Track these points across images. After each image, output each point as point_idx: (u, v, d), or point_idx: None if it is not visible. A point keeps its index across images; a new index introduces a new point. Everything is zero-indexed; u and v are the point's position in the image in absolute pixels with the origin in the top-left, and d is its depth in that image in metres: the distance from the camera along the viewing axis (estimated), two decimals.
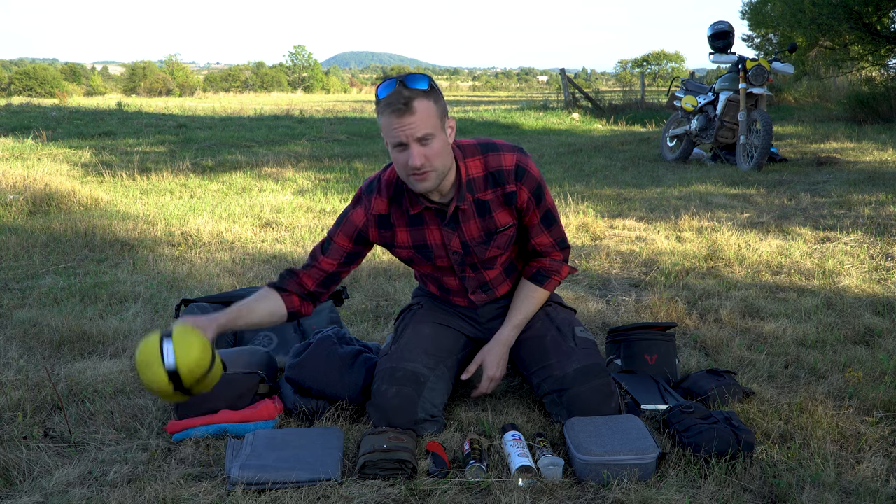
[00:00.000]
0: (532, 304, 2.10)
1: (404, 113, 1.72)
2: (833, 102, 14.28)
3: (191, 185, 6.44)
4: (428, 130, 1.75)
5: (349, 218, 2.00)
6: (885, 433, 1.92)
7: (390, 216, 1.97)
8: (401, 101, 1.72)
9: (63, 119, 13.46)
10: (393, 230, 1.99)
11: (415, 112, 1.73)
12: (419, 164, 1.76)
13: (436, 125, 1.77)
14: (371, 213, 1.97)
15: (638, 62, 60.94)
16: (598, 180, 6.62)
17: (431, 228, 1.97)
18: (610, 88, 33.01)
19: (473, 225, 1.96)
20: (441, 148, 1.79)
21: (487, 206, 1.95)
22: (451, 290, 2.13)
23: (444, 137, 1.80)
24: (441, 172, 1.82)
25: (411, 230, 1.98)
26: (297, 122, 13.83)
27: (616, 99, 17.23)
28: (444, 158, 1.81)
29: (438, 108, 1.78)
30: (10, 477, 1.75)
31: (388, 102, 1.73)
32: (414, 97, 1.73)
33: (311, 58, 61.07)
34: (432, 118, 1.76)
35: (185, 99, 30.03)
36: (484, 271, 2.07)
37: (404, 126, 1.73)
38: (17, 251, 3.99)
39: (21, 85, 39.00)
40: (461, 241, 1.98)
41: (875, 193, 5.38)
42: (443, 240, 1.98)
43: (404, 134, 1.74)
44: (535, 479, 1.71)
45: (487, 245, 1.99)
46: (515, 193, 1.94)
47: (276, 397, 2.10)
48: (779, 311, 2.93)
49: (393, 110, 1.73)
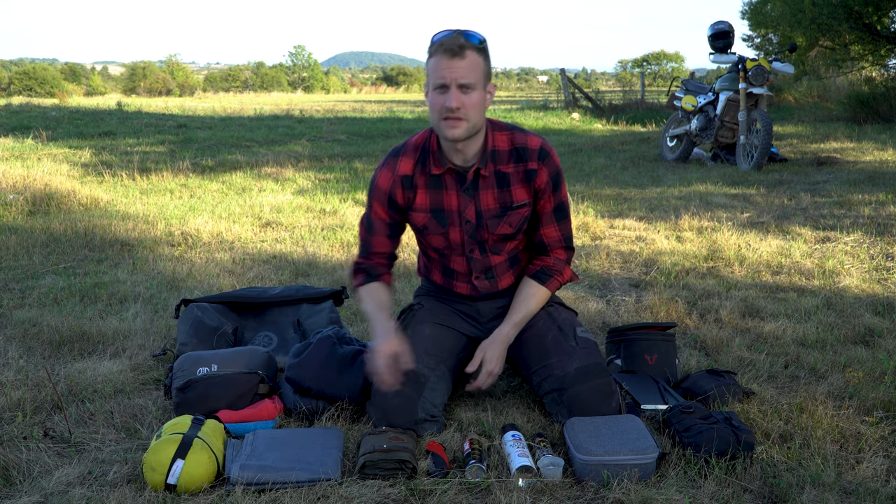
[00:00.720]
0: (533, 302, 2.10)
1: (455, 55, 1.82)
2: (833, 102, 14.28)
3: (191, 185, 6.44)
4: (471, 80, 1.84)
5: (377, 185, 2.07)
6: (885, 433, 1.92)
7: (414, 177, 2.03)
8: (456, 44, 1.82)
9: (63, 119, 13.46)
10: (415, 191, 2.04)
11: (465, 58, 1.83)
12: (455, 105, 1.83)
13: (479, 78, 1.86)
14: (397, 174, 2.04)
15: (638, 62, 60.91)
16: (598, 180, 6.62)
17: (450, 193, 2.02)
18: (610, 88, 33.01)
19: (490, 195, 2.01)
20: (478, 101, 1.87)
21: (507, 180, 2.01)
22: (456, 275, 2.14)
23: (482, 94, 1.89)
24: (472, 125, 1.89)
25: (431, 192, 2.03)
26: (297, 122, 13.83)
27: (616, 99, 17.23)
28: (478, 113, 1.89)
29: (485, 65, 1.88)
30: (10, 477, 1.75)
31: (442, 44, 1.83)
32: (467, 47, 1.83)
33: (311, 58, 61.02)
34: (478, 71, 1.85)
35: (185, 99, 30.03)
36: (490, 255, 2.09)
37: (452, 68, 1.82)
38: (17, 251, 3.99)
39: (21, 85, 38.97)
40: (476, 209, 2.02)
41: (875, 193, 5.39)
42: (459, 206, 2.03)
43: (450, 76, 1.82)
44: (535, 479, 1.71)
45: (500, 219, 2.03)
46: (536, 172, 2.00)
47: (276, 397, 2.10)
48: (779, 311, 2.93)
49: (445, 50, 1.82)
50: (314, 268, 3.69)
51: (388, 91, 48.10)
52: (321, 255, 3.96)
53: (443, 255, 2.13)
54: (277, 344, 2.63)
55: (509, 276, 2.15)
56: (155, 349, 2.58)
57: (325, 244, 4.20)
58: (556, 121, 14.06)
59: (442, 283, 2.19)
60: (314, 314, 2.72)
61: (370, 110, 19.04)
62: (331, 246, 4.16)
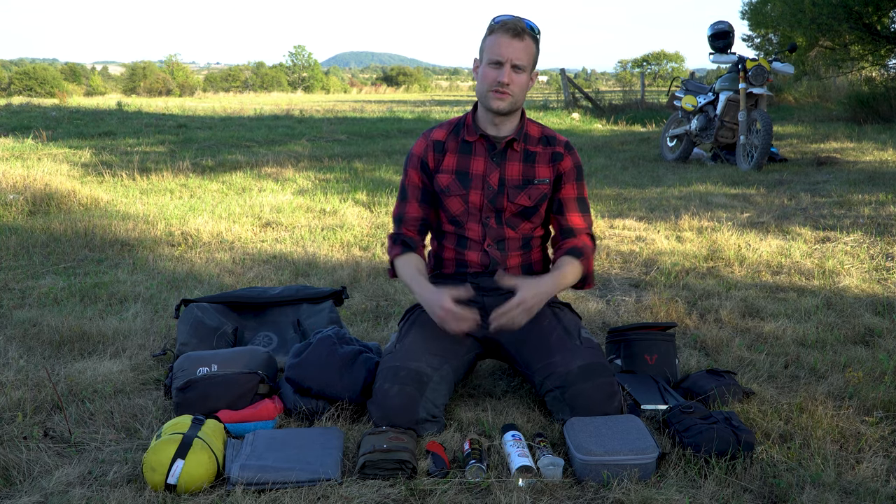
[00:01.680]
0: (571, 272, 2.13)
1: (515, 36, 2.00)
2: (833, 102, 14.28)
3: (191, 185, 6.44)
4: (524, 62, 2.03)
5: (412, 152, 2.21)
6: (885, 433, 1.92)
7: (446, 142, 2.19)
8: (518, 27, 2.01)
9: (63, 119, 13.45)
10: (444, 154, 2.18)
11: (523, 40, 2.02)
12: (506, 80, 2.01)
13: (530, 62, 2.05)
14: (430, 140, 2.19)
15: (638, 62, 60.90)
16: (598, 180, 6.62)
17: (478, 159, 2.16)
18: (610, 88, 33.00)
19: (516, 167, 2.16)
20: (525, 82, 2.06)
21: (534, 157, 2.17)
22: (469, 243, 2.18)
23: (528, 78, 2.07)
24: (515, 102, 2.07)
25: (459, 156, 2.17)
26: (297, 122, 13.83)
27: (616, 99, 17.23)
28: (522, 93, 2.08)
29: (536, 53, 2.08)
30: (10, 477, 1.75)
31: (505, 24, 2.01)
32: (526, 32, 2.03)
33: (311, 58, 61.00)
34: (531, 55, 2.05)
35: (185, 99, 30.02)
36: (506, 227, 2.18)
37: (511, 47, 2.00)
38: (17, 251, 3.99)
39: (21, 85, 38.96)
40: (500, 177, 2.15)
41: (875, 193, 5.39)
42: (485, 171, 2.15)
43: (507, 54, 2.00)
44: (535, 479, 1.71)
45: (521, 190, 2.15)
46: (562, 156, 2.19)
47: (276, 397, 2.10)
48: (779, 311, 2.93)
49: (508, 30, 2.00)
50: (314, 268, 3.69)
51: (388, 91, 48.10)
52: (321, 255, 3.96)
53: (458, 224, 2.18)
54: (277, 344, 2.63)
55: (517, 257, 2.20)
56: (155, 349, 2.58)
57: (325, 244, 4.20)
58: (556, 121, 14.06)
59: (453, 257, 2.22)
60: (314, 314, 2.72)
61: (370, 110, 19.04)
62: (331, 246, 4.16)
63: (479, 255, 2.18)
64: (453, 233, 2.21)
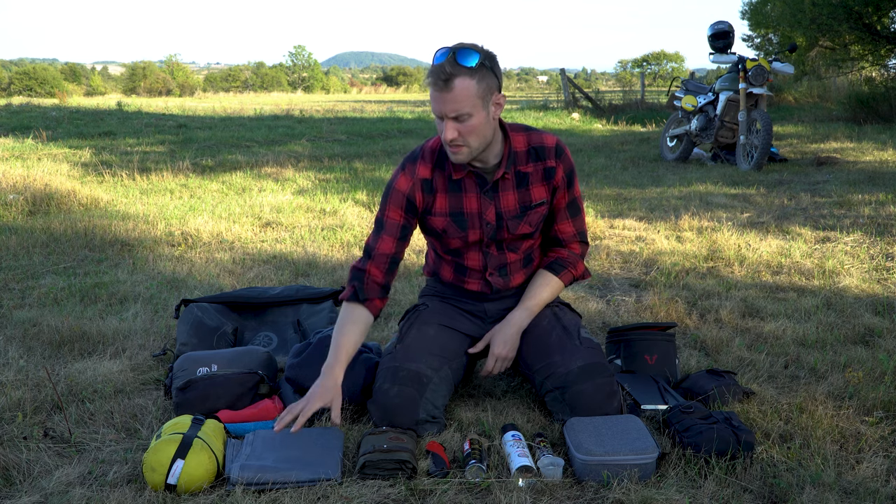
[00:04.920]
0: (546, 291, 2.12)
1: (442, 90, 1.78)
2: (833, 102, 14.27)
3: (191, 185, 6.44)
4: (464, 110, 1.80)
5: (395, 188, 2.02)
6: (885, 433, 1.92)
7: (433, 181, 2.02)
8: (441, 77, 1.77)
9: (63, 119, 13.44)
10: (434, 195, 2.02)
11: (452, 90, 1.78)
12: (450, 138, 1.83)
13: (474, 105, 1.80)
14: (416, 178, 2.01)
15: (638, 62, 60.86)
16: (598, 180, 6.62)
17: (470, 196, 2.02)
18: (610, 88, 33.00)
19: (511, 196, 2.02)
20: (478, 125, 1.84)
21: (527, 179, 2.02)
22: (469, 271, 2.13)
23: (483, 115, 1.84)
24: (475, 149, 1.89)
25: (450, 196, 2.02)
26: (297, 122, 13.82)
27: (616, 99, 17.23)
28: (480, 136, 1.86)
29: (482, 86, 1.81)
30: (10, 477, 1.75)
31: (431, 74, 1.80)
32: (456, 75, 1.77)
33: (311, 58, 60.96)
34: (471, 98, 1.79)
35: (185, 99, 30.01)
36: (507, 252, 2.10)
37: (442, 101, 1.80)
38: (17, 251, 3.99)
39: (21, 85, 38.93)
40: (497, 211, 2.02)
41: (875, 193, 5.39)
42: (479, 208, 2.02)
43: (440, 109, 1.81)
44: (535, 479, 1.71)
45: (521, 220, 2.04)
46: (554, 169, 2.03)
47: (276, 397, 2.10)
48: (779, 311, 2.93)
49: (433, 83, 1.79)
50: (314, 268, 3.69)
51: (388, 91, 48.09)
52: (321, 255, 3.96)
53: (458, 254, 2.13)
54: (277, 344, 2.63)
55: (521, 275, 2.16)
56: (155, 349, 2.58)
57: (325, 244, 4.20)
58: (556, 121, 14.06)
59: (452, 280, 2.18)
60: (314, 314, 2.72)
61: (370, 110, 19.03)
62: (331, 246, 4.16)
63: (480, 283, 2.14)
64: (452, 260, 2.15)
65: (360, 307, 2.00)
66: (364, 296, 2.00)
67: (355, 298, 2.01)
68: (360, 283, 2.02)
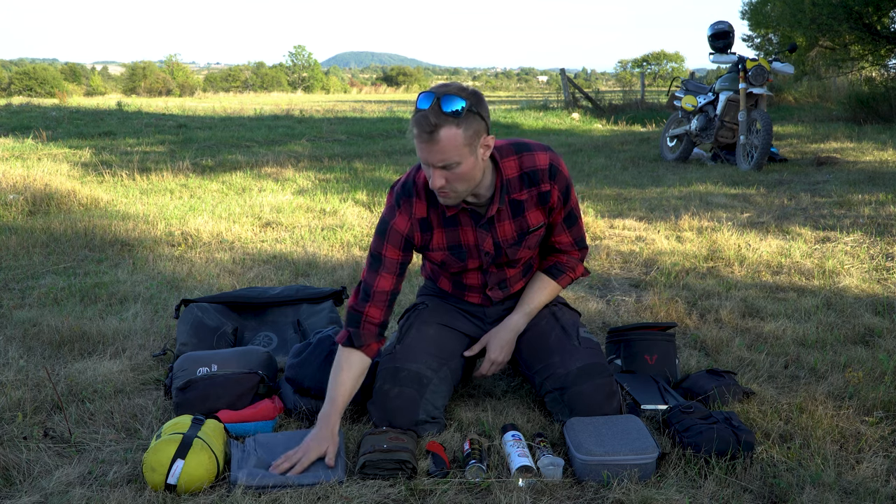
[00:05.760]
0: (544, 294, 2.12)
1: (428, 141, 1.73)
2: (833, 102, 14.27)
3: (191, 185, 6.44)
4: (452, 160, 1.75)
5: (393, 228, 1.96)
6: (885, 433, 1.92)
7: (429, 218, 1.98)
8: (427, 128, 1.72)
9: (63, 119, 13.44)
10: (431, 232, 1.99)
11: (438, 142, 1.72)
12: (438, 185, 1.79)
13: (461, 153, 1.75)
14: (414, 218, 1.97)
15: (638, 62, 60.82)
16: (598, 180, 6.62)
17: (466, 230, 1.99)
18: (610, 88, 32.98)
19: (508, 226, 1.99)
20: (467, 171, 1.79)
21: (522, 207, 1.98)
22: (468, 287, 2.14)
23: (472, 161, 1.79)
24: (463, 192, 1.85)
25: (446, 231, 1.99)
26: (297, 122, 13.82)
27: (616, 99, 17.22)
28: (469, 180, 1.82)
29: (468, 133, 1.75)
30: (10, 477, 1.75)
31: (416, 122, 1.74)
32: (441, 125, 1.71)
33: (311, 58, 60.91)
34: (457, 147, 1.74)
35: (185, 99, 30.00)
36: (507, 269, 2.10)
37: (428, 151, 1.75)
38: (17, 251, 3.98)
39: (21, 85, 38.89)
40: (494, 241, 2.00)
41: (875, 193, 5.39)
42: (476, 240, 2.00)
43: (427, 158, 1.76)
44: (535, 479, 1.71)
45: (519, 246, 2.02)
46: (549, 192, 1.97)
47: (276, 397, 2.11)
48: (779, 311, 2.93)
49: (419, 132, 1.74)
50: (314, 268, 3.69)
51: (388, 91, 48.08)
52: (321, 255, 3.96)
53: (457, 275, 2.13)
54: (277, 344, 2.63)
55: (522, 283, 2.17)
56: (155, 349, 2.58)
57: (325, 244, 4.20)
58: (556, 121, 14.06)
59: (451, 293, 2.19)
60: (314, 314, 2.72)
61: (370, 110, 19.03)
62: (331, 246, 4.16)
63: (480, 296, 2.15)
64: (451, 277, 2.15)
65: (356, 352, 1.94)
66: (360, 342, 1.94)
67: (351, 345, 1.94)
68: (356, 329, 1.95)
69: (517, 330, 2.11)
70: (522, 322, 2.11)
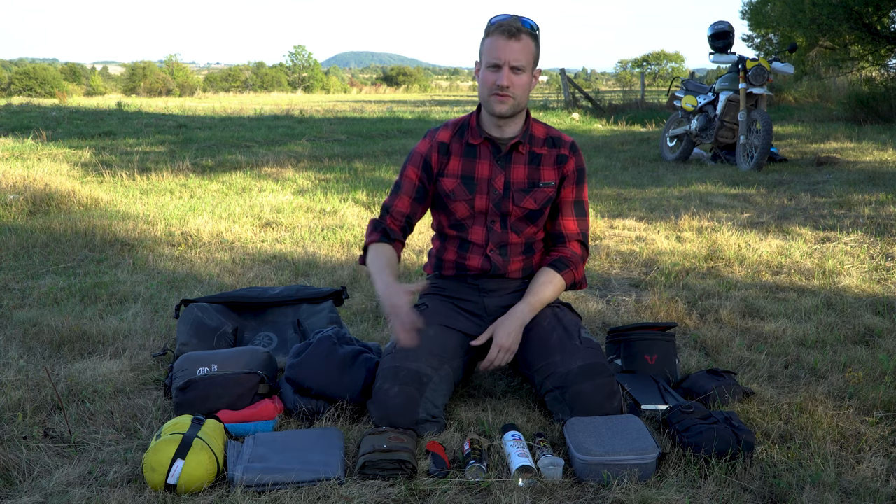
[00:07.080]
0: (549, 288, 2.15)
1: (511, 37, 1.96)
2: (833, 102, 14.27)
3: (191, 185, 6.44)
4: (523, 62, 1.99)
5: (416, 150, 2.19)
6: (885, 433, 1.92)
7: (450, 144, 2.16)
8: (513, 27, 1.97)
9: (63, 119, 13.44)
10: (448, 157, 2.15)
11: (521, 41, 1.98)
12: (506, 83, 1.98)
13: (530, 62, 2.01)
14: (435, 141, 2.16)
15: (638, 62, 60.80)
16: (598, 180, 6.62)
17: (483, 162, 2.13)
18: (610, 88, 32.99)
19: (521, 170, 2.14)
20: (526, 83, 2.02)
21: (539, 160, 2.15)
22: (471, 247, 2.17)
23: (530, 77, 2.03)
24: (518, 104, 2.04)
25: (464, 160, 2.15)
26: (297, 122, 13.82)
27: (616, 99, 17.23)
28: (524, 94, 2.04)
29: (536, 51, 2.03)
30: (10, 477, 1.75)
31: (500, 25, 1.98)
32: (523, 31, 1.98)
33: (311, 58, 60.90)
34: (530, 54, 2.01)
35: (185, 99, 30.00)
36: (510, 232, 2.16)
37: (507, 49, 1.97)
38: (17, 251, 3.99)
39: (21, 85, 38.89)
40: (506, 180, 2.13)
41: (875, 193, 5.39)
42: (490, 174, 2.13)
43: (504, 56, 1.97)
44: (535, 479, 1.71)
45: (527, 193, 2.13)
46: (567, 158, 2.16)
47: (276, 397, 2.10)
48: (779, 311, 2.93)
49: (503, 31, 1.97)
50: (314, 268, 3.69)
51: (388, 91, 48.08)
52: (321, 255, 3.96)
53: (462, 227, 2.17)
54: (277, 344, 2.63)
55: (519, 262, 2.19)
56: (155, 349, 2.58)
57: (325, 244, 4.20)
58: (556, 121, 14.06)
59: (455, 259, 2.21)
60: (314, 314, 2.72)
61: (370, 110, 19.04)
62: (331, 246, 4.16)
63: (481, 259, 2.17)
64: (456, 236, 2.20)
65: (388, 246, 2.14)
66: (393, 237, 2.16)
67: (386, 239, 2.15)
68: (385, 229, 2.17)
69: (523, 319, 2.10)
70: (528, 312, 2.11)
